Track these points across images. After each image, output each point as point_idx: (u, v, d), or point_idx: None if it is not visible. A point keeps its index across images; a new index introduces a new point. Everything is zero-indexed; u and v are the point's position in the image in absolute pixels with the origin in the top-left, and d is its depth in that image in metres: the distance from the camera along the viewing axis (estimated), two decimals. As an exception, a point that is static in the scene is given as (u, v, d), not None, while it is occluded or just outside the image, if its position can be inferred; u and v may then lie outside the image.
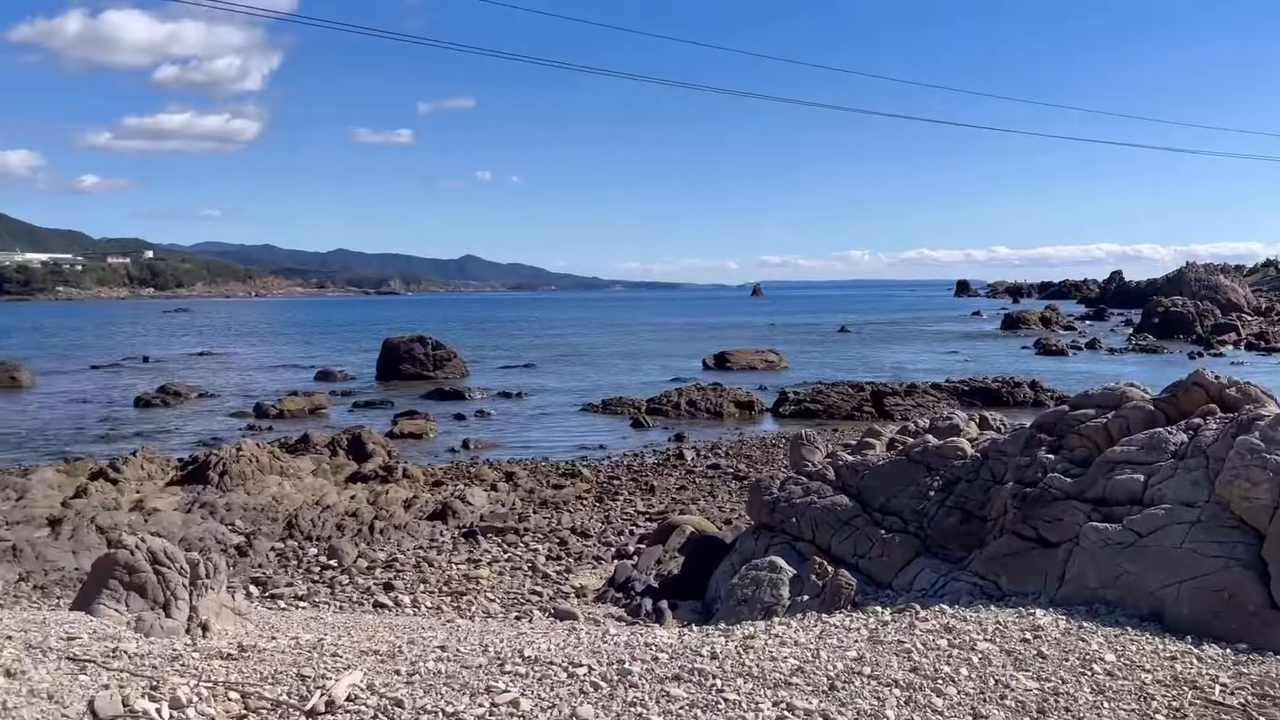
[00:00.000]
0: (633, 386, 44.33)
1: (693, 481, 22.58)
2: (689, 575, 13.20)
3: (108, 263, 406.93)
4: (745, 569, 11.19)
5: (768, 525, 12.61)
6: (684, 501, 20.04)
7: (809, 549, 11.67)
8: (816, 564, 10.45)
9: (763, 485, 13.03)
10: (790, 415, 34.61)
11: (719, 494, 20.94)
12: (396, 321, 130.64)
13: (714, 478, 22.99)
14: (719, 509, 19.11)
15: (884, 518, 11.22)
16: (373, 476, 22.21)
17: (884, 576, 10.59)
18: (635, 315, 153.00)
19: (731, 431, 31.58)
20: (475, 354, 63.43)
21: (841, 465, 12.47)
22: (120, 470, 21.26)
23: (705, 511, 18.65)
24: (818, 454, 14.24)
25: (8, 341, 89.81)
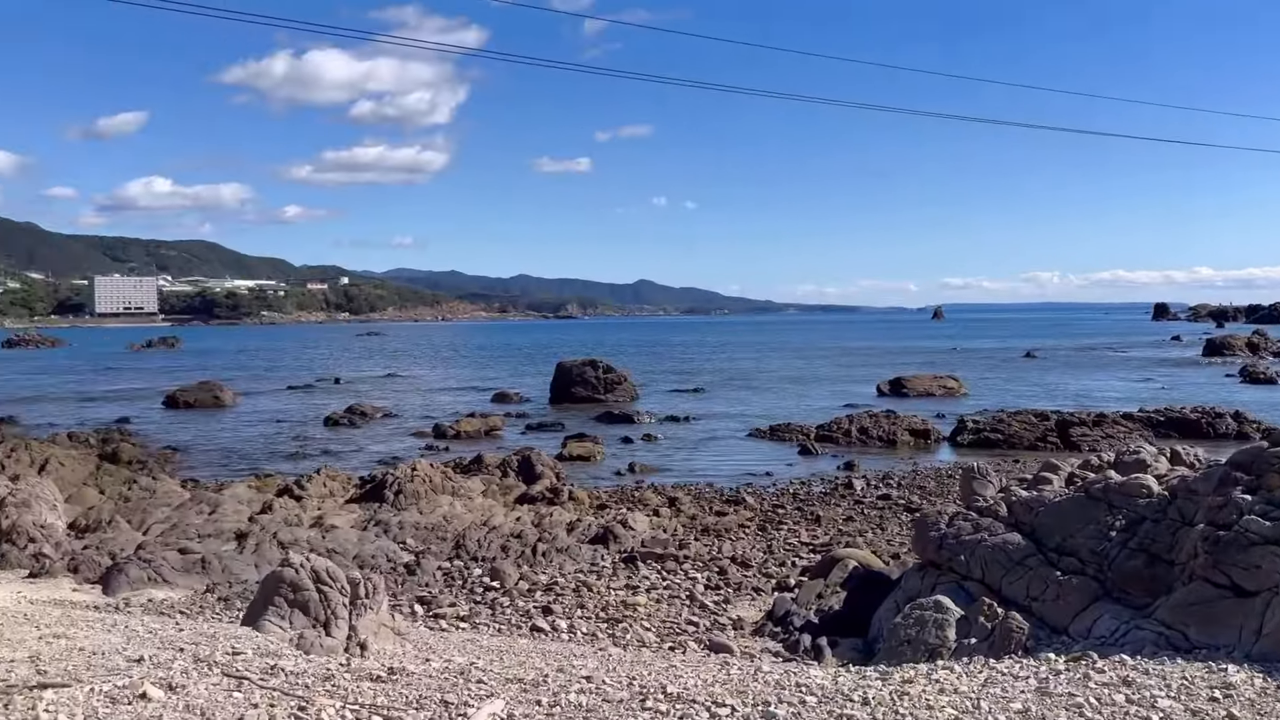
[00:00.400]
0: (803, 412, 43.62)
1: (861, 513, 21.91)
2: (851, 611, 12.73)
3: (307, 289, 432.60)
4: (909, 608, 10.70)
5: (935, 562, 12.03)
6: (850, 534, 19.44)
7: (978, 589, 11.07)
8: (985, 605, 9.87)
9: (929, 520, 12.45)
10: (969, 445, 33.28)
11: (888, 526, 20.22)
12: (571, 345, 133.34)
13: (884, 509, 22.25)
14: (887, 543, 18.44)
15: (1060, 558, 10.51)
16: (540, 498, 22.56)
17: (1058, 621, 9.90)
18: (808, 339, 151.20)
19: (905, 461, 30.59)
20: (645, 377, 63.95)
21: (1015, 501, 11.78)
22: (304, 487, 22.36)
23: (872, 545, 18.03)
24: (990, 488, 13.54)
25: (215, 363, 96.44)
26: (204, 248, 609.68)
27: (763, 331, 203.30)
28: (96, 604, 12.69)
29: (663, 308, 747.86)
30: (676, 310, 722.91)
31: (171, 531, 17.56)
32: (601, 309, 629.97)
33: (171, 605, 12.99)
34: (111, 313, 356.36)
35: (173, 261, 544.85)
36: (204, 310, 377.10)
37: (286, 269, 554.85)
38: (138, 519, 18.66)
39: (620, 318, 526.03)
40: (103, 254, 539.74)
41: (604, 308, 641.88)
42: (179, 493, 21.64)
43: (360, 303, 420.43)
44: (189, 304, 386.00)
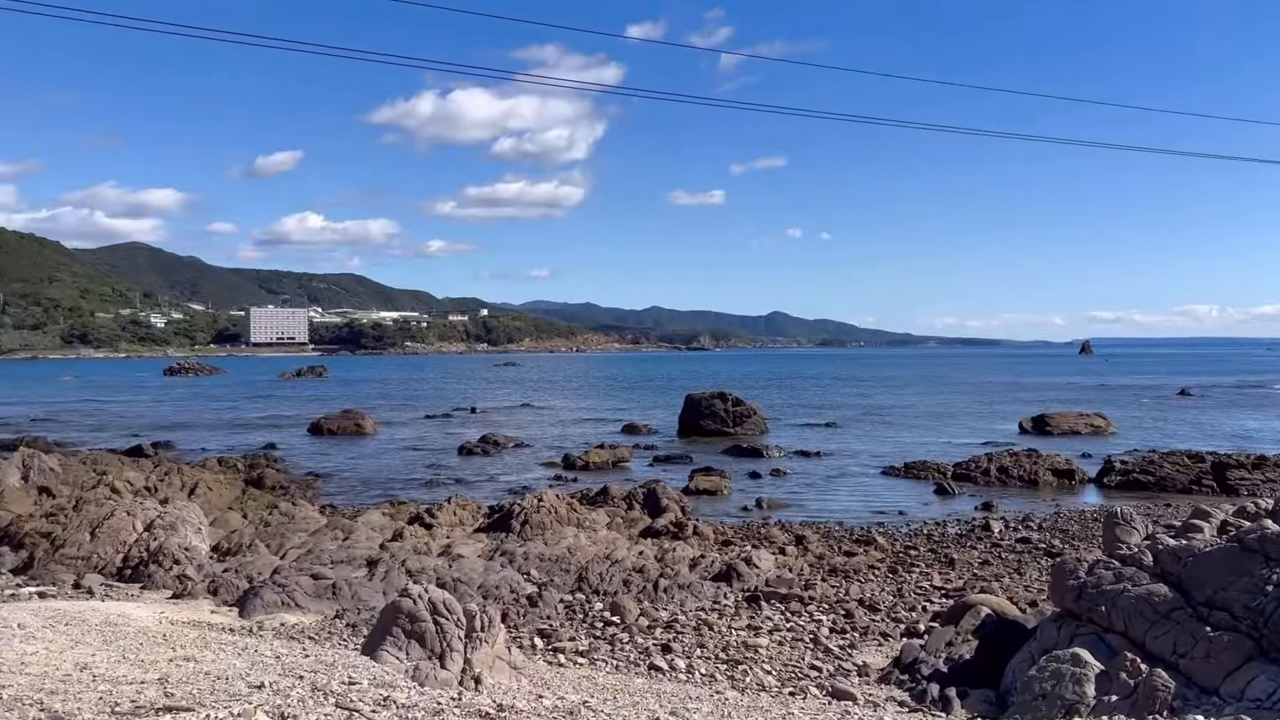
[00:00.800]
0: (939, 450, 42.45)
1: (998, 556, 21.03)
2: (983, 661, 12.14)
3: (448, 320, 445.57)
4: (1045, 660, 10.15)
5: (1074, 612, 11.38)
6: (986, 578, 18.64)
7: (1120, 643, 10.41)
8: (1128, 661, 9.28)
9: (1068, 567, 11.80)
10: (1116, 487, 31.70)
11: (1027, 572, 19.33)
12: (702, 377, 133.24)
13: (1022, 553, 21.31)
14: (1025, 589, 17.61)
15: (1210, 613, 9.79)
16: (664, 532, 22.43)
17: (1208, 681, 9.20)
18: (947, 373, 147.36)
19: (1047, 503, 29.32)
20: (776, 411, 63.30)
21: (1161, 550, 11.06)
22: (435, 516, 22.78)
23: (1009, 590, 17.25)
24: (1134, 535, 12.79)
25: (359, 391, 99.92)
26: (352, 280, 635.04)
27: (900, 365, 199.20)
28: (232, 626, 13.11)
29: (796, 340, 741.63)
30: (810, 342, 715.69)
31: (306, 557, 18.08)
32: (734, 341, 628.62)
33: (302, 630, 13.32)
34: (265, 342, 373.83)
35: (323, 294, 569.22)
36: (351, 340, 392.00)
37: (429, 301, 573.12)
38: (276, 543, 19.30)
39: (753, 350, 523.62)
40: (259, 286, 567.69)
41: (736, 340, 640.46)
42: (316, 518, 22.32)
43: (498, 334, 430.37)
44: (337, 334, 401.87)
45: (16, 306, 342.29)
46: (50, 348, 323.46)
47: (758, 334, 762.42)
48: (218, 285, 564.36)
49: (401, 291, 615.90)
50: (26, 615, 11.26)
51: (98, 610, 12.64)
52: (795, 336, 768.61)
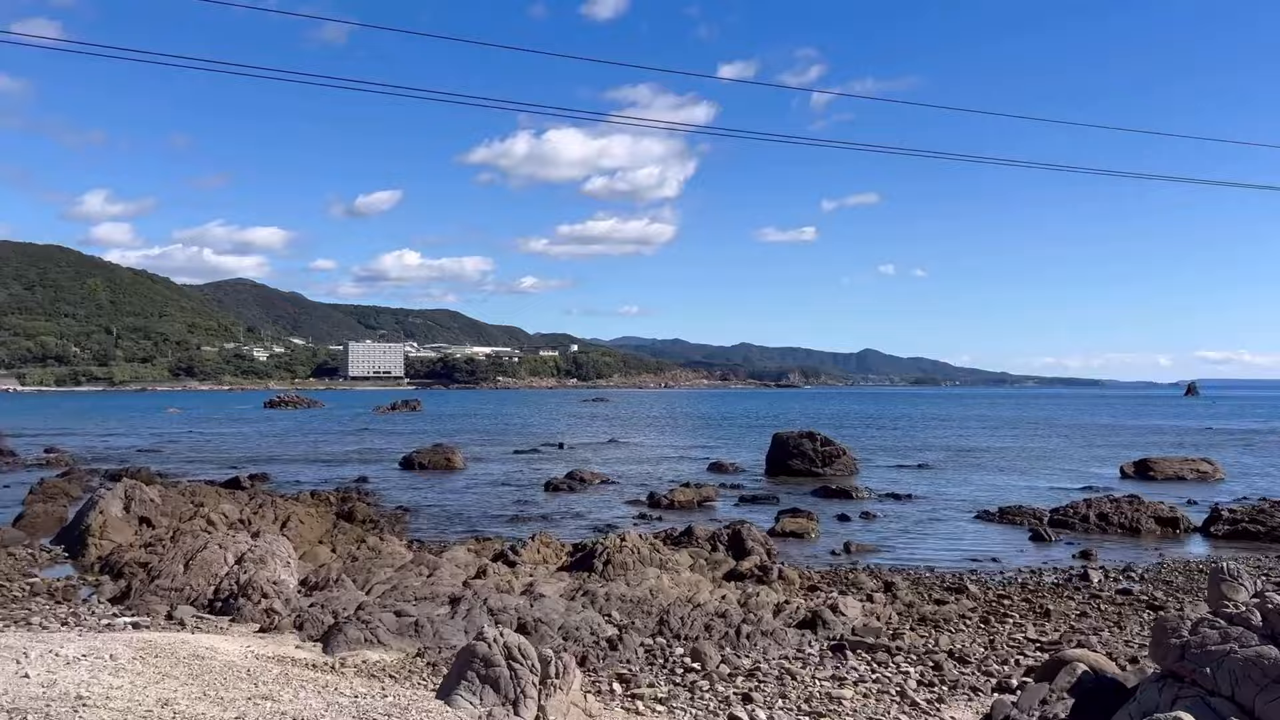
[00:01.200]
0: (1036, 494, 41.21)
1: (1097, 608, 20.19)
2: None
3: (540, 355, 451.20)
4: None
5: (1176, 673, 10.80)
6: (1083, 631, 17.89)
7: (1227, 707, 9.82)
8: (1235, 731, 8.74)
9: (1169, 625, 11.21)
10: (1224, 536, 30.29)
11: (1127, 625, 18.51)
12: (791, 415, 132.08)
13: (1123, 605, 20.42)
14: (1125, 644, 16.84)
15: (1327, 682, 9.18)
16: (748, 575, 22.09)
17: (1326, 757, 8.62)
18: (1045, 414, 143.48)
19: (1150, 552, 28.14)
20: (867, 451, 62.27)
21: (1271, 609, 10.44)
22: (519, 553, 22.84)
23: (1108, 645, 16.52)
24: (1242, 592, 12.13)
25: (451, 426, 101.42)
26: (447, 316, 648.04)
27: (996, 405, 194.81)
28: (314, 662, 13.25)
29: (889, 378, 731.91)
30: (903, 381, 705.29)
31: (391, 593, 18.24)
32: (825, 379, 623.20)
33: (383, 668, 13.39)
34: (362, 376, 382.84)
35: (418, 329, 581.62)
36: (445, 375, 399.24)
37: (521, 336, 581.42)
38: (362, 578, 19.53)
39: (844, 388, 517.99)
40: (357, 321, 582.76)
41: (827, 377, 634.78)
42: (402, 553, 22.55)
43: (588, 369, 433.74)
44: (432, 369, 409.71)
45: (129, 340, 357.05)
46: (159, 380, 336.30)
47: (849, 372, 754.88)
48: (318, 320, 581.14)
49: (495, 327, 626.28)
50: (119, 646, 11.53)
51: (187, 643, 12.89)
52: (888, 374, 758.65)
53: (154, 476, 41.89)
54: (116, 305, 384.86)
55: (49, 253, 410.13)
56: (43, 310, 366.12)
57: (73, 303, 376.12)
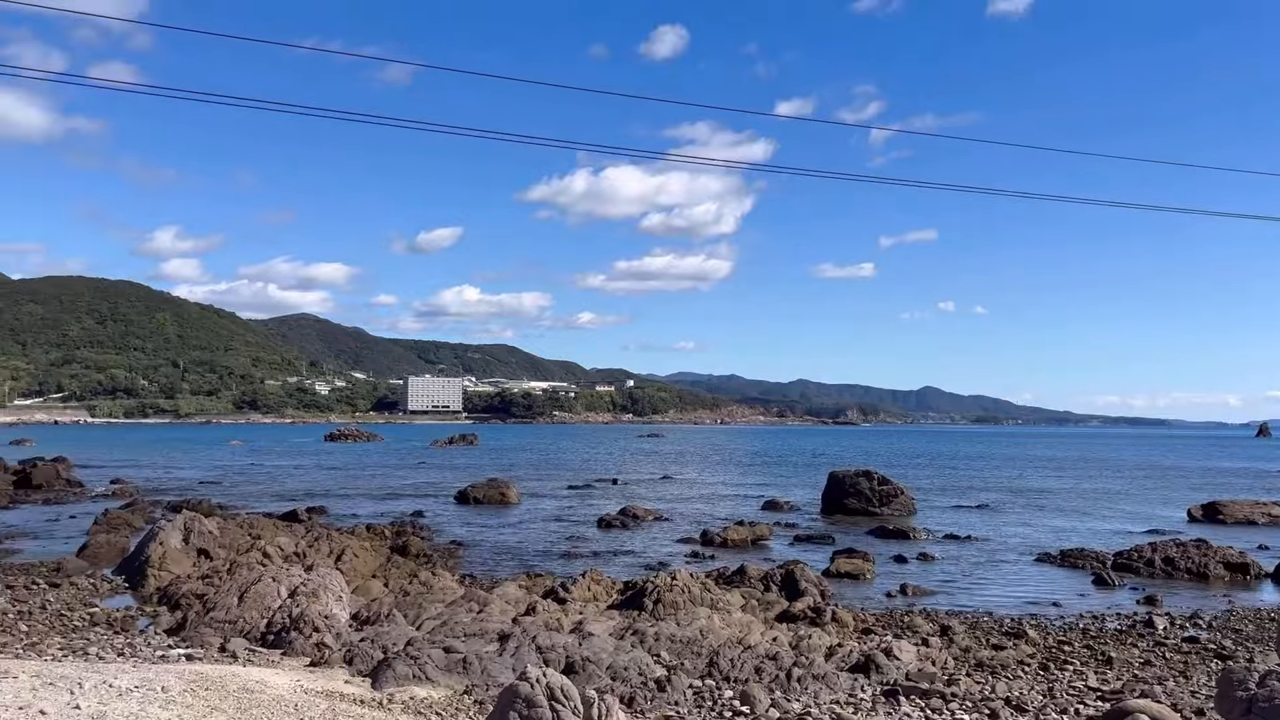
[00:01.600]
0: (1099, 537, 40.25)
1: (1161, 656, 19.57)
2: (1141, 777, 11.21)
3: (596, 390, 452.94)
4: (1210, 783, 9.29)
5: (1243, 729, 10.41)
6: (1147, 680, 17.33)
7: (1298, 768, 9.43)
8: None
9: (1236, 677, 10.84)
10: (1297, 583, 29.30)
11: (1194, 675, 17.89)
12: (848, 453, 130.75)
13: (1189, 654, 19.77)
14: (1191, 694, 16.27)
15: (1405, 743, 8.78)
16: (801, 617, 21.78)
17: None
18: (1110, 454, 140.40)
19: (1218, 598, 27.26)
20: (925, 491, 61.38)
21: (1345, 665, 10.03)
22: (569, 590, 22.76)
23: (1173, 696, 15.98)
24: (1315, 646, 11.66)
25: (506, 460, 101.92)
26: (505, 351, 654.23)
27: (1059, 445, 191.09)
28: (362, 698, 13.27)
29: (949, 416, 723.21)
30: (964, 419, 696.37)
31: (441, 628, 18.25)
32: (883, 416, 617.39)
33: (430, 705, 13.37)
34: (421, 410, 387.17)
35: (477, 363, 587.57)
36: (502, 409, 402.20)
37: (578, 371, 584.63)
38: (413, 613, 19.57)
39: (903, 426, 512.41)
40: (417, 356, 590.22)
41: (886, 415, 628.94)
42: (453, 589, 22.58)
43: (644, 405, 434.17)
44: (489, 403, 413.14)
45: (194, 373, 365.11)
46: (223, 412, 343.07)
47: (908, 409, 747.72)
48: (379, 355, 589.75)
49: (552, 362, 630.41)
50: (171, 678, 11.67)
51: (238, 676, 12.99)
52: (948, 412, 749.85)
53: (214, 508, 42.57)
54: (184, 339, 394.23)
55: (120, 288, 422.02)
56: (113, 344, 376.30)
57: (142, 336, 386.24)
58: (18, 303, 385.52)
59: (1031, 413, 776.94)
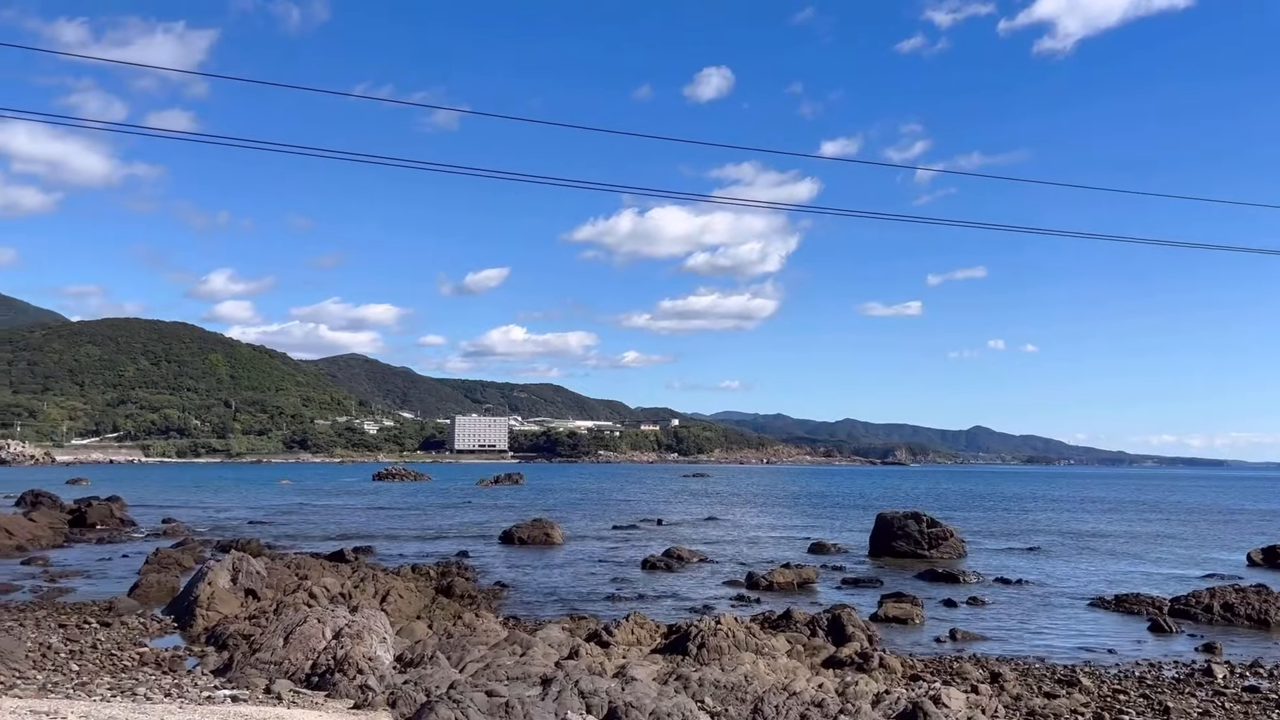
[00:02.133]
0: (1155, 581, 39.33)
1: (1221, 706, 19.00)
2: (1200, 834, 10.84)
3: (641, 429, 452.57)
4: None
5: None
6: (1207, 731, 16.85)
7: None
8: None
9: (1299, 733, 10.49)
10: (1363, 631, 28.36)
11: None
12: (896, 494, 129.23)
13: (1250, 704, 19.18)
14: (1253, 747, 15.79)
15: None
16: (848, 662, 21.47)
17: None
18: (1166, 496, 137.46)
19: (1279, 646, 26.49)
20: (975, 533, 60.43)
21: None
22: (612, 633, 22.63)
23: (1234, 749, 15.50)
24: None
25: (552, 500, 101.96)
26: (550, 390, 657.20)
27: (1113, 485, 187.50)
28: (404, 742, 13.24)
29: (1000, 456, 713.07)
30: (1015, 459, 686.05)
31: (484, 671, 18.21)
32: (932, 456, 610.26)
33: (471, 749, 13.30)
34: (468, 449, 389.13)
35: (522, 403, 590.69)
36: (548, 448, 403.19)
37: (623, 410, 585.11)
38: (456, 656, 19.55)
39: (952, 466, 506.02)
40: (464, 395, 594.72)
41: (935, 455, 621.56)
42: (497, 631, 22.54)
43: (688, 444, 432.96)
44: (535, 442, 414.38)
45: (246, 413, 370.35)
46: (274, 452, 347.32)
47: (958, 449, 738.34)
48: (426, 394, 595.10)
49: (597, 401, 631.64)
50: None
51: (282, 718, 13.04)
52: (998, 453, 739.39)
53: (262, 548, 42.97)
54: (236, 379, 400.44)
55: (174, 329, 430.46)
56: (167, 384, 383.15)
57: (195, 377, 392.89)
58: (76, 344, 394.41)
59: (1084, 453, 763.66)
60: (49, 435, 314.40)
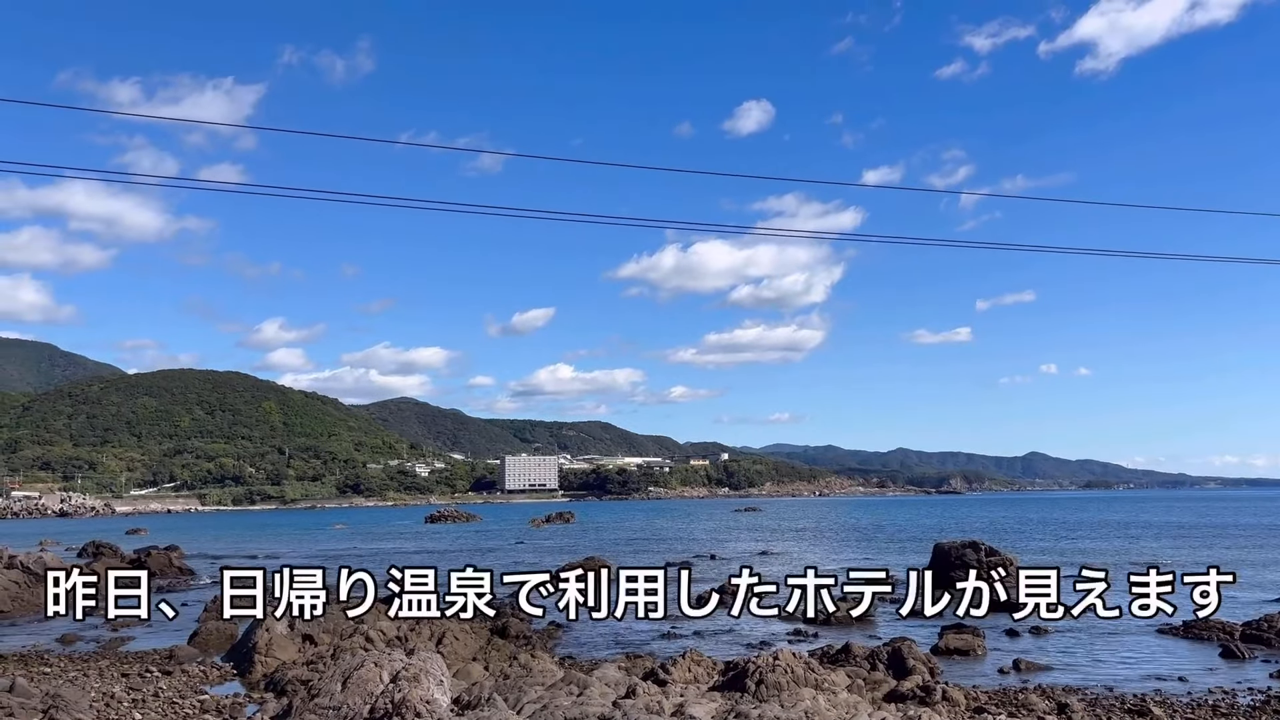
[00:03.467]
0: (1225, 606, 38.07)
1: (1301, 734, 18.40)
2: None
3: (690, 465, 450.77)
4: None
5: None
6: (1287, 761, 16.29)
7: None
8: None
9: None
10: None
11: (1338, 755, 16.76)
12: (953, 523, 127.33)
13: (1331, 731, 18.56)
14: (1337, 776, 15.22)
15: None
16: (910, 696, 21.11)
17: None
18: (1231, 518, 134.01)
19: (1360, 671, 25.60)
20: (1035, 561, 59.22)
21: None
22: (669, 671, 22.44)
23: (1317, 778, 14.96)
24: None
25: (603, 537, 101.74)
26: (599, 427, 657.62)
27: (1175, 509, 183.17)
28: (464, 785, 13.18)
29: (1057, 482, 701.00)
30: (1072, 484, 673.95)
31: (541, 712, 18.11)
32: (988, 484, 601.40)
33: (531, 792, 13.20)
34: (518, 489, 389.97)
35: (572, 441, 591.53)
36: (598, 486, 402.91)
37: (672, 446, 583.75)
38: (513, 697, 19.48)
39: (1009, 493, 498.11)
40: (513, 435, 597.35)
41: (991, 483, 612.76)
42: (553, 671, 22.45)
43: (739, 478, 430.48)
44: (585, 480, 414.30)
45: (299, 459, 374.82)
46: (327, 497, 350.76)
47: (1014, 476, 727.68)
48: (476, 435, 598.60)
49: (645, 437, 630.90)
50: (277, 767, 11.75)
51: (341, 764, 13.03)
52: (1055, 478, 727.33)
53: (319, 593, 43.20)
54: (289, 426, 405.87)
55: (228, 379, 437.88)
56: (222, 433, 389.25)
57: (249, 425, 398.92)
58: (133, 396, 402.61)
59: (1144, 476, 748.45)
60: (108, 487, 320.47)
